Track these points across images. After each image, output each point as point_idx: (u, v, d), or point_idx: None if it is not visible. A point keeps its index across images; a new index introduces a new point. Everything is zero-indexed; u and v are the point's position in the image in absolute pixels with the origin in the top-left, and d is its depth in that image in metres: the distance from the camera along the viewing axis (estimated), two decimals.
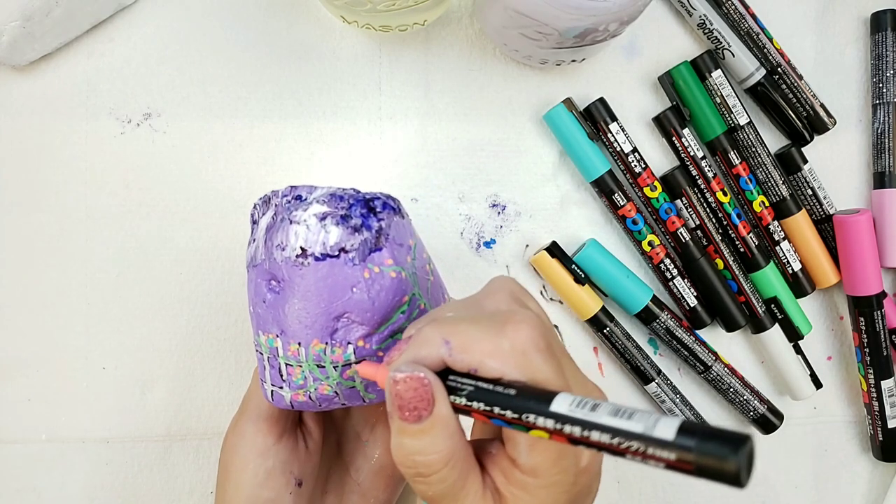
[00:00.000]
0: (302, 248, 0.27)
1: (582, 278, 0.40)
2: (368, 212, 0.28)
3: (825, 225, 0.42)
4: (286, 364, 0.28)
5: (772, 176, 0.41)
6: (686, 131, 0.40)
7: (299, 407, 0.29)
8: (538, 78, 0.41)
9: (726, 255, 0.41)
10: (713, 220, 0.41)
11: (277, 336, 0.28)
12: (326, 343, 0.28)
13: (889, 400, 0.42)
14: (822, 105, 0.41)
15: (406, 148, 0.41)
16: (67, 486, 0.40)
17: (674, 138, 0.40)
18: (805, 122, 0.41)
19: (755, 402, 0.42)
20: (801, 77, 0.41)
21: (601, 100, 0.40)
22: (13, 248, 0.40)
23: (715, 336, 0.43)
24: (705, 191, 0.41)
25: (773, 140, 0.43)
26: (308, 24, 0.40)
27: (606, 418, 0.19)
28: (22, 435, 0.40)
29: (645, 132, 0.42)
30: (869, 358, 0.42)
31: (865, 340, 0.41)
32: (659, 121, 0.40)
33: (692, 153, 0.40)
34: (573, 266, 0.40)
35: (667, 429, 0.18)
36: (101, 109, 0.40)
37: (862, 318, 0.41)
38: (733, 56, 0.40)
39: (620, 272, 0.40)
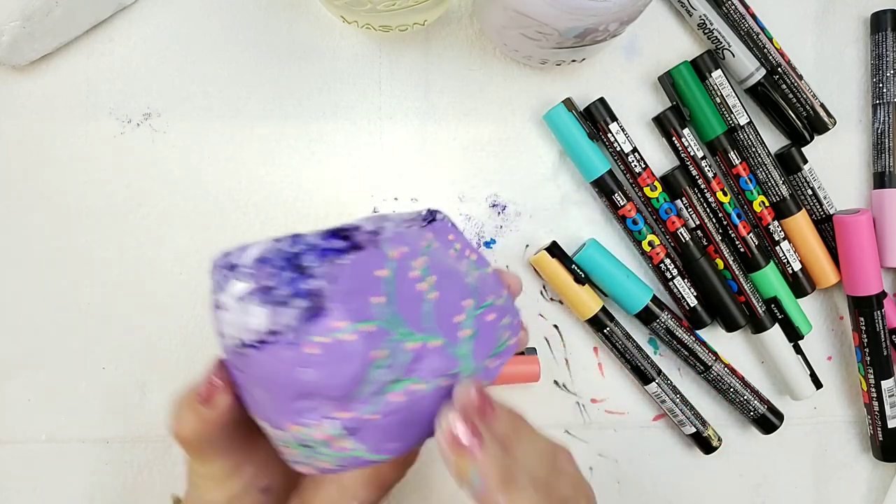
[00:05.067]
0: (238, 338, 0.23)
1: (582, 278, 0.40)
2: (298, 273, 0.23)
3: (825, 225, 0.42)
4: (284, 445, 0.25)
5: (772, 176, 0.41)
6: (686, 131, 0.40)
7: (317, 474, 0.26)
8: (538, 78, 0.41)
9: (726, 255, 0.41)
10: (713, 220, 0.41)
11: (262, 421, 0.25)
12: (301, 425, 0.24)
13: (889, 400, 0.42)
14: (822, 105, 0.41)
15: (406, 148, 0.41)
16: (67, 486, 0.40)
17: (674, 138, 0.40)
18: (805, 122, 0.41)
19: (755, 402, 0.42)
20: (801, 77, 0.41)
21: (601, 100, 0.40)
22: (13, 248, 0.40)
23: (715, 336, 0.43)
24: (705, 191, 0.41)
25: (773, 140, 0.43)
26: (308, 24, 0.40)
27: None
28: (22, 435, 0.40)
29: (645, 132, 0.42)
30: (869, 358, 0.42)
31: (865, 340, 0.41)
32: (659, 121, 0.40)
33: (692, 153, 0.40)
34: (573, 266, 0.40)
35: None
36: (101, 109, 0.40)
37: (862, 318, 0.41)
38: (733, 56, 0.40)
39: (620, 272, 0.40)
